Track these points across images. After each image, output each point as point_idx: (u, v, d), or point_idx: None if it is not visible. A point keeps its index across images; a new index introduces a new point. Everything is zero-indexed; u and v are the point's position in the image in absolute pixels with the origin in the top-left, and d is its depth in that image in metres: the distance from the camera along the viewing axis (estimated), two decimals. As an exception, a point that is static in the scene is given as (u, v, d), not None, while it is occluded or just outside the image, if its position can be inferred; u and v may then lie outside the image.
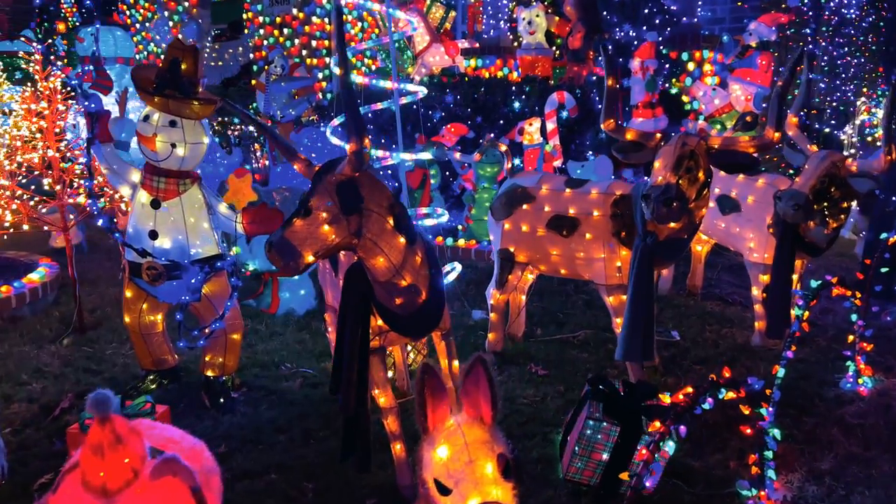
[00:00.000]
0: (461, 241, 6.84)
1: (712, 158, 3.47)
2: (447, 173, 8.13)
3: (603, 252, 3.96)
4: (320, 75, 10.92)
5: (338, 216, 2.45)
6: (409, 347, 4.06)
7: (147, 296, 3.87)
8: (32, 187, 5.50)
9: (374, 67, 11.52)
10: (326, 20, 10.90)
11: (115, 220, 4.02)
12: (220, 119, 11.47)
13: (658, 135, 3.64)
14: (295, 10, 10.70)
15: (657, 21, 7.02)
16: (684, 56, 8.00)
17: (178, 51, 3.56)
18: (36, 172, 5.20)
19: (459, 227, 7.22)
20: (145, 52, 12.60)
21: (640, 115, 6.64)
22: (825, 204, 4.07)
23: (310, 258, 2.47)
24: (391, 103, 5.01)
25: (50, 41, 14.04)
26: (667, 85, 7.34)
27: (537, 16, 9.40)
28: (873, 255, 4.08)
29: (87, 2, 12.23)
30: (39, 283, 5.42)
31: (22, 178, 5.36)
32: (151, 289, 3.79)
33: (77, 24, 13.87)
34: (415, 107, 8.60)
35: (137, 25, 13.12)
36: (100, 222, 3.72)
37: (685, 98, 7.55)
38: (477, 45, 10.27)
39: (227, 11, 13.98)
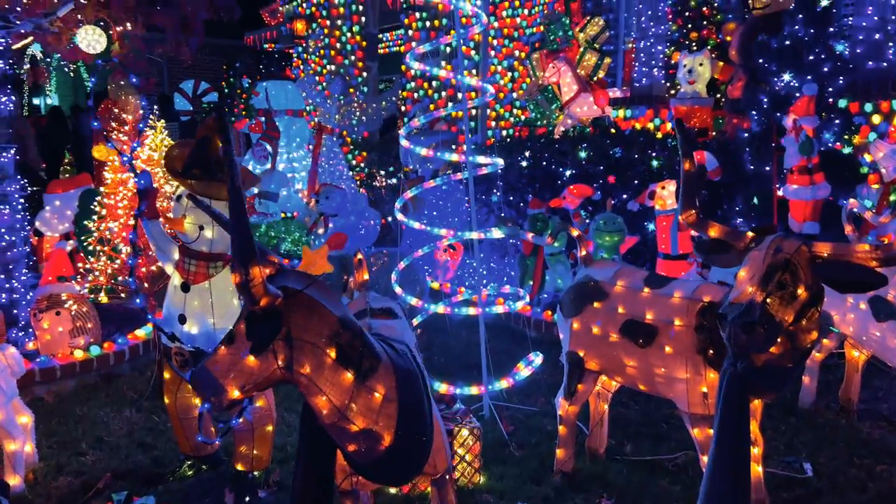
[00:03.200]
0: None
1: (819, 271, 2.60)
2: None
3: (685, 372, 3.17)
4: (464, 127, 10.73)
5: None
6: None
7: (183, 379, 3.72)
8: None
9: (523, 118, 11.12)
10: (474, 71, 10.72)
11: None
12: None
13: (749, 234, 2.83)
14: (443, 63, 10.64)
15: (825, 69, 5.89)
16: (868, 107, 6.71)
17: (209, 130, 3.40)
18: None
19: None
20: (313, 105, 13.29)
21: (794, 181, 5.55)
22: None
23: (235, 393, 2.08)
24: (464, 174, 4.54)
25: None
26: (838, 144, 6.14)
27: (700, 64, 8.48)
28: None
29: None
30: (142, 340, 5.59)
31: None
32: (183, 373, 3.63)
33: (259, 77, 15.06)
34: (543, 163, 8.13)
35: (306, 78, 13.92)
36: (137, 301, 3.65)
37: (869, 157, 6.26)
38: (628, 93, 9.53)
39: (395, 61, 14.43)
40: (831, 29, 5.98)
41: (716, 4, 8.95)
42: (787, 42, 6.00)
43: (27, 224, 5.71)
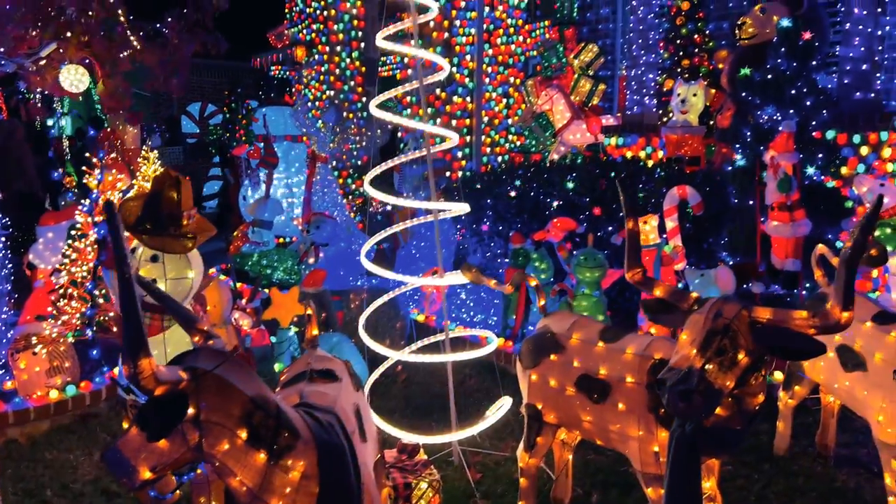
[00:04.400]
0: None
1: (759, 337, 2.55)
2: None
3: (638, 430, 3.11)
4: (459, 154, 10.73)
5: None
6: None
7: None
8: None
9: (518, 143, 11.11)
10: (468, 98, 10.73)
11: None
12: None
13: (693, 295, 2.78)
14: (438, 90, 10.67)
15: (808, 103, 5.82)
16: (856, 139, 6.64)
17: (162, 183, 3.41)
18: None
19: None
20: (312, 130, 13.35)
21: (775, 217, 5.48)
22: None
23: (146, 474, 2.05)
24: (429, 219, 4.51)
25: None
26: (826, 177, 6.06)
27: (694, 95, 8.44)
28: None
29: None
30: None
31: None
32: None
33: (259, 102, 15.15)
34: (531, 193, 8.09)
35: (309, 104, 14.00)
36: (94, 352, 3.65)
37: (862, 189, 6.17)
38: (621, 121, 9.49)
39: (394, 84, 14.52)
40: (814, 62, 5.89)
41: (707, 32, 8.91)
42: (770, 76, 5.94)
43: (7, 262, 5.75)
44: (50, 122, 20.89)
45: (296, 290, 4.83)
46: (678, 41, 8.83)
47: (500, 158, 10.95)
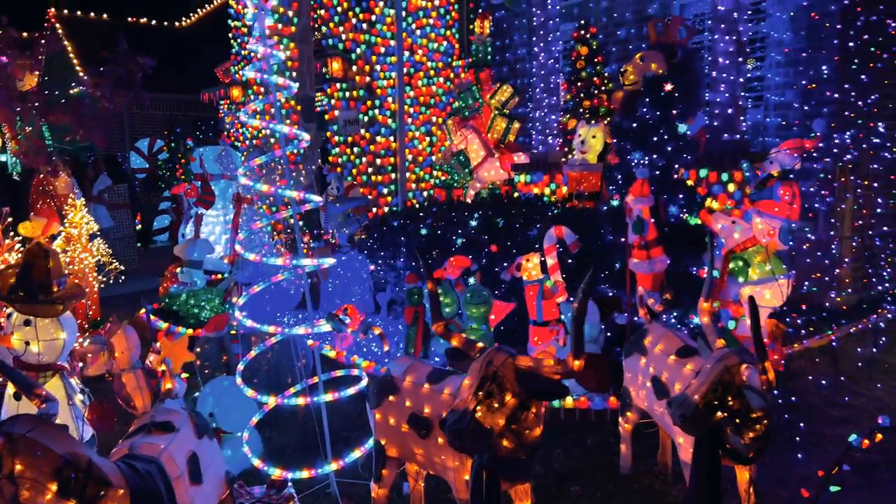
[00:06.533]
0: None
1: (521, 381, 3.03)
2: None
3: (454, 461, 3.57)
4: (385, 190, 11.23)
5: None
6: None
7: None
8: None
9: (442, 179, 11.63)
10: (392, 138, 11.24)
11: None
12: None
13: (479, 345, 3.26)
14: (363, 131, 11.17)
15: (669, 148, 6.41)
16: (724, 177, 7.26)
17: (33, 255, 3.81)
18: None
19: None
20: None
21: (634, 255, 6.03)
22: (725, 414, 3.38)
23: (-32, 525, 2.45)
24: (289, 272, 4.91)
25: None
26: (686, 216, 6.65)
27: (594, 136, 9.03)
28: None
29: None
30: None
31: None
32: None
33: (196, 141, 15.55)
34: (439, 231, 8.59)
35: (247, 143, 14.42)
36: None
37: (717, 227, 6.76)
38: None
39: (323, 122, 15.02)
40: (675, 111, 6.49)
41: (607, 74, 9.55)
42: (635, 124, 6.53)
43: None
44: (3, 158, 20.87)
45: (185, 337, 5.21)
46: (579, 83, 9.44)
47: (425, 193, 11.47)
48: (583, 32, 9.53)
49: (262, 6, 4.33)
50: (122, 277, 9.75)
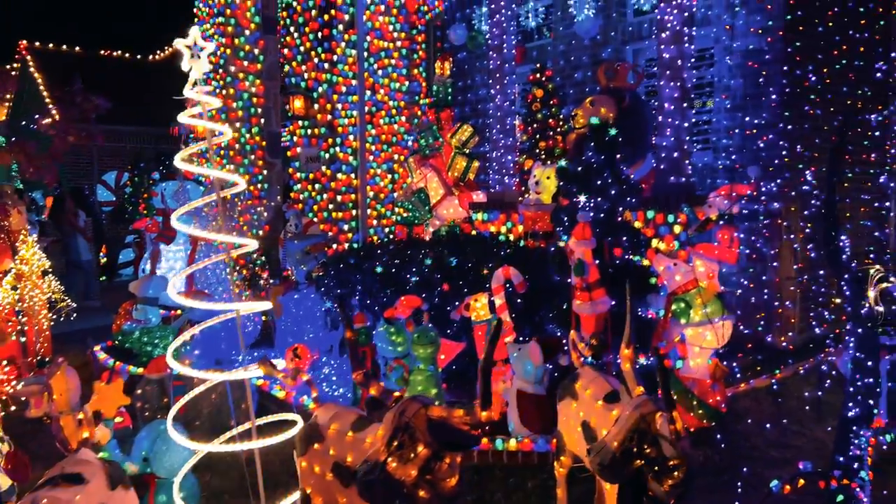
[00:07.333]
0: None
1: (432, 431, 3.04)
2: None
3: (375, 511, 3.54)
4: (346, 227, 11.26)
5: None
6: None
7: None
8: None
9: (403, 215, 11.68)
10: (353, 175, 11.31)
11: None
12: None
13: (396, 394, 3.27)
14: (324, 168, 11.23)
15: (613, 191, 6.54)
16: (670, 218, 7.40)
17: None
18: None
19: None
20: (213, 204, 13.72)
21: (577, 297, 6.10)
22: (642, 462, 3.41)
23: None
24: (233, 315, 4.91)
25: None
26: (634, 258, 6.75)
27: (548, 177, 9.17)
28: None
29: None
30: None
31: None
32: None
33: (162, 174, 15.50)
34: (394, 270, 8.62)
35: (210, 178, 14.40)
36: None
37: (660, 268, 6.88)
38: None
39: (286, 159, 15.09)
40: (619, 155, 6.64)
41: (562, 116, 9.74)
42: (580, 167, 6.66)
43: None
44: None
45: (120, 381, 5.13)
46: (534, 125, 9.61)
47: (387, 230, 11.52)
48: (538, 76, 9.75)
49: (196, 52, 4.38)
50: (74, 315, 9.63)
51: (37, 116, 6.81)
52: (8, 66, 6.75)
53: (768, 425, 6.45)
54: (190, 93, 4.46)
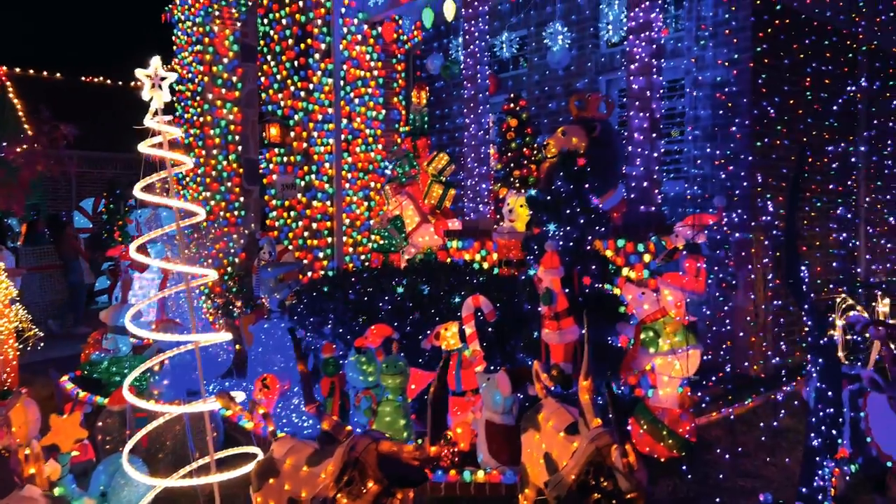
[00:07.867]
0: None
1: (382, 466, 2.99)
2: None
3: (329, 547, 3.47)
4: (321, 254, 11.21)
5: None
6: None
7: None
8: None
9: (379, 243, 11.66)
10: (328, 202, 11.30)
11: None
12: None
13: (348, 428, 3.23)
14: (300, 195, 11.22)
15: (581, 220, 6.56)
16: (640, 247, 7.44)
17: None
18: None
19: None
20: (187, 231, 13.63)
21: (546, 325, 6.09)
22: (599, 496, 3.38)
23: None
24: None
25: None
26: (605, 286, 6.76)
27: (521, 205, 9.21)
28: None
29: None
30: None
31: None
32: None
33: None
34: (366, 298, 8.57)
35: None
36: None
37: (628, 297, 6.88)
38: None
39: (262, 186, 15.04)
40: (587, 185, 6.68)
41: (536, 145, 9.81)
42: (549, 196, 6.69)
43: None
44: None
45: (77, 414, 5.03)
46: (509, 154, 9.68)
47: (362, 257, 11.48)
48: (513, 105, 9.84)
49: (157, 81, 4.38)
50: (42, 344, 9.48)
51: (4, 144, 6.75)
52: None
53: (737, 455, 6.43)
54: (150, 122, 4.45)
